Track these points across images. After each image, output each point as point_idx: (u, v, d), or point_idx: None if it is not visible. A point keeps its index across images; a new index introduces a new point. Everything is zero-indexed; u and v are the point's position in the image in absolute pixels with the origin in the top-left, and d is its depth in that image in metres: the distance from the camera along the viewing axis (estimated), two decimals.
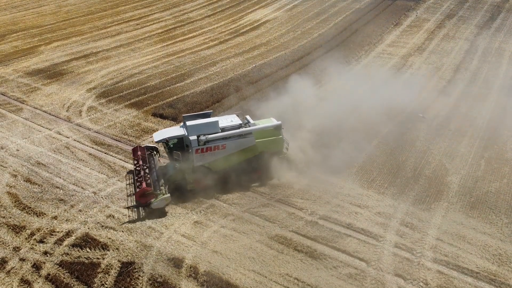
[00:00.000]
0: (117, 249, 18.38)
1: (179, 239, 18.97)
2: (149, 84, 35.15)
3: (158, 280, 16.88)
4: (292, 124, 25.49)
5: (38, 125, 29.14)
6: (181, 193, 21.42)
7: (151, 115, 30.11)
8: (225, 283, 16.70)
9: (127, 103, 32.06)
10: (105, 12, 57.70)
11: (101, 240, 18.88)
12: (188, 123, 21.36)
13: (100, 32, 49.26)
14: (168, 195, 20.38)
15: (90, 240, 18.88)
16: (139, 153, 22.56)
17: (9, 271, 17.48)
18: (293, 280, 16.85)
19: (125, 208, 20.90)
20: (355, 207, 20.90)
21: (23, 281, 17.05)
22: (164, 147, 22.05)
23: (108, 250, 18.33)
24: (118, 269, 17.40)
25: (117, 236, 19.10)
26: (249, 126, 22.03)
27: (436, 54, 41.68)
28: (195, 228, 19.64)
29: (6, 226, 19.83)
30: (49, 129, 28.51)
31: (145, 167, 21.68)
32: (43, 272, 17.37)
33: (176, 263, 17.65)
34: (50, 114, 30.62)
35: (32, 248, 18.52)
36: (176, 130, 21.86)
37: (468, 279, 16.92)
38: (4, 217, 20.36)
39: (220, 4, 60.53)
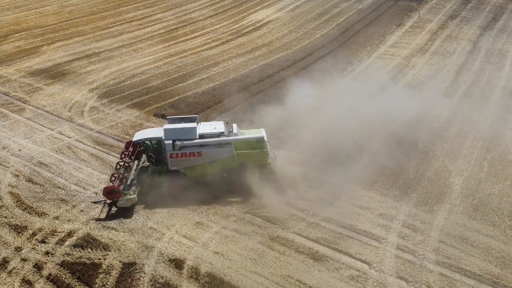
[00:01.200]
0: (118, 249, 18.37)
1: (180, 240, 18.94)
2: (151, 85, 35.16)
3: (160, 281, 16.85)
4: (291, 128, 25.48)
5: (40, 125, 29.18)
6: (154, 195, 21.26)
7: (153, 116, 30.09)
8: (226, 285, 16.65)
9: (129, 103, 32.07)
10: (108, 13, 57.76)
11: (103, 240, 18.87)
12: (166, 126, 21.19)
13: (103, 32, 49.32)
14: (135, 196, 20.50)
15: (91, 240, 18.88)
16: (131, 148, 22.65)
17: (11, 271, 17.48)
18: (294, 282, 16.79)
19: (92, 202, 21.13)
20: (357, 208, 20.83)
21: (25, 281, 17.04)
22: (142, 147, 22.02)
23: (109, 250, 18.32)
24: (120, 269, 17.38)
25: (118, 237, 19.09)
26: (231, 136, 21.26)
27: (439, 55, 41.56)
28: (197, 229, 19.61)
29: (8, 226, 19.85)
30: (51, 129, 28.54)
31: (127, 165, 21.98)
32: (45, 272, 17.37)
33: (178, 264, 17.62)
34: (52, 114, 30.65)
35: (33, 248, 18.53)
36: (156, 132, 21.71)
37: (471, 282, 16.83)
38: (6, 217, 20.39)
39: (222, 4, 60.51)
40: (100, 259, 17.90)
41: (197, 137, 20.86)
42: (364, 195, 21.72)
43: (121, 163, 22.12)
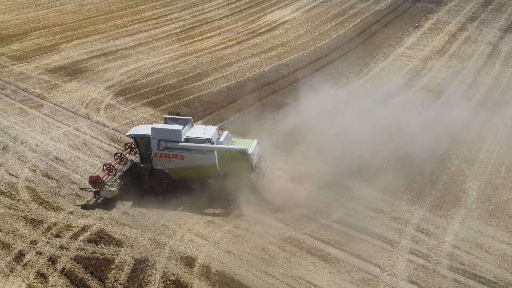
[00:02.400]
0: (131, 246, 18.57)
1: (192, 238, 19.05)
2: (166, 83, 35.44)
3: (171, 278, 16.98)
4: (304, 129, 25.28)
5: (58, 121, 29.68)
6: (136, 191, 21.58)
7: (168, 114, 30.31)
8: (237, 284, 16.69)
9: (144, 101, 32.39)
10: (125, 11, 58.44)
11: (116, 236, 19.11)
12: (154, 125, 21.42)
13: (120, 30, 49.91)
14: (115, 189, 21.00)
15: (105, 236, 19.13)
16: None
17: (26, 264, 17.83)
18: (305, 283, 16.73)
19: (80, 188, 22.00)
20: (370, 211, 20.63)
21: (39, 274, 17.36)
22: (133, 143, 22.32)
23: (122, 246, 18.54)
24: (132, 265, 17.58)
25: (131, 233, 19.30)
26: (217, 144, 20.87)
27: (457, 58, 40.89)
28: (208, 228, 19.69)
29: (24, 219, 20.25)
30: (68, 126, 29.01)
31: (123, 157, 22.69)
32: (59, 266, 17.66)
33: (189, 262, 17.73)
34: (69, 110, 31.15)
35: (48, 242, 18.86)
36: (148, 129, 21.76)
37: None
38: (22, 211, 20.80)
39: (239, 4, 60.64)
40: (113, 254, 18.12)
41: (182, 140, 20.77)
42: (377, 198, 21.49)
43: (119, 154, 22.75)
